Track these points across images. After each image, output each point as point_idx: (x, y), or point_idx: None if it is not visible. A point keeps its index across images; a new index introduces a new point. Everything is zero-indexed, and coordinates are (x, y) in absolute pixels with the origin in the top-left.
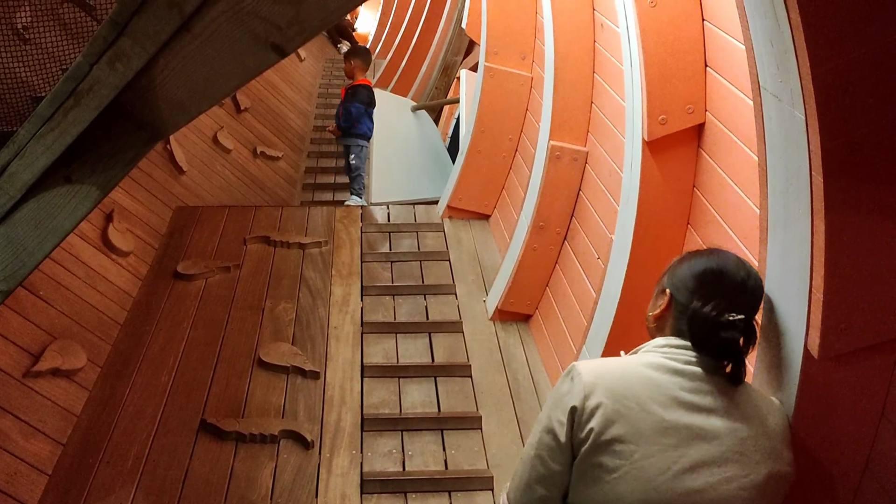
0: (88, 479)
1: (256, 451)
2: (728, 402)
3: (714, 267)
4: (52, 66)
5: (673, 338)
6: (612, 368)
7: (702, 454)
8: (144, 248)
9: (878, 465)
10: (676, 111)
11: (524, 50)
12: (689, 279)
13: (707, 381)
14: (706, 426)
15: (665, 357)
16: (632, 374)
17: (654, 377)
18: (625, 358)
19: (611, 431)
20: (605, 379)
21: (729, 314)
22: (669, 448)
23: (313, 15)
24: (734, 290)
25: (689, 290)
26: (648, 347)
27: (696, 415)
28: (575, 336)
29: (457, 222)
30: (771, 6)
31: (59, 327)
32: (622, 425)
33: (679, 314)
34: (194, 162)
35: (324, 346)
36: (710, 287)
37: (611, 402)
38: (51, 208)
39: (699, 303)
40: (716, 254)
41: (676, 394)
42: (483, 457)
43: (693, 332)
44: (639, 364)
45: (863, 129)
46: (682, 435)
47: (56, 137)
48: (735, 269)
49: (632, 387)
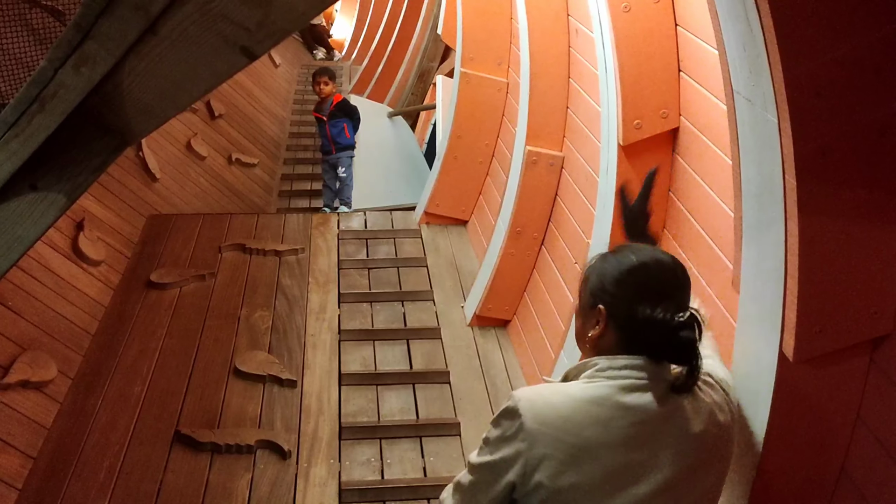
0: (60, 492)
1: (232, 462)
2: (674, 422)
3: (642, 267)
4: (21, 72)
5: (618, 357)
6: (557, 411)
7: (651, 488)
8: (116, 257)
9: (854, 467)
10: (651, 116)
11: (500, 56)
12: (621, 288)
13: (653, 409)
14: (653, 461)
15: (611, 384)
16: (579, 416)
17: (600, 416)
18: (568, 393)
19: (559, 483)
20: (549, 427)
21: (678, 314)
22: (619, 489)
23: (282, 17)
24: (672, 286)
25: (626, 299)
26: (590, 371)
27: (643, 449)
28: (553, 341)
29: (434, 228)
30: (743, 11)
31: (28, 338)
32: (572, 475)
33: (622, 330)
34: (168, 169)
35: (301, 355)
36: (647, 290)
37: (558, 451)
38: (16, 217)
39: (647, 309)
40: (631, 252)
41: (625, 432)
42: (462, 464)
43: (649, 342)
44: (584, 400)
45: (835, 132)
46: (630, 474)
47: (21, 144)
48: (661, 262)
49: (578, 432)
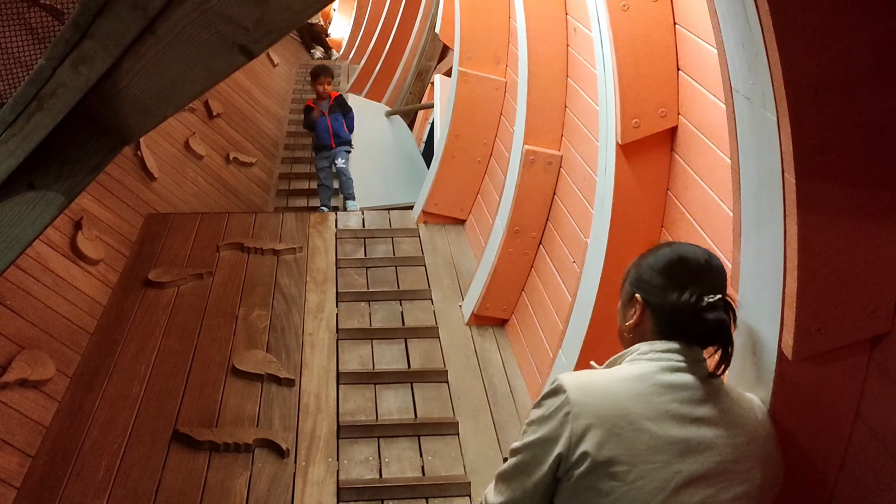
0: (58, 491)
1: (231, 460)
2: (718, 408)
3: (675, 257)
4: (20, 71)
5: (657, 342)
6: (600, 385)
7: (696, 467)
8: (115, 256)
9: (854, 464)
10: (649, 114)
11: (498, 54)
12: (655, 277)
13: (696, 388)
14: (699, 437)
15: (652, 365)
16: (620, 390)
17: (642, 391)
18: (611, 371)
19: (603, 453)
20: (593, 398)
21: (706, 296)
22: (664, 465)
23: (280, 16)
24: (701, 272)
25: (660, 286)
26: (633, 356)
27: (689, 427)
28: (551, 340)
29: (432, 227)
30: (742, 9)
31: (26, 337)
32: (615, 446)
33: (657, 315)
34: (166, 168)
35: (299, 354)
36: (678, 277)
37: (601, 422)
38: (13, 216)
39: (675, 294)
40: (668, 246)
41: (667, 407)
42: (460, 463)
43: (678, 325)
44: (626, 378)
45: (834, 130)
46: (675, 450)
47: (19, 143)
48: (693, 252)
49: (621, 404)
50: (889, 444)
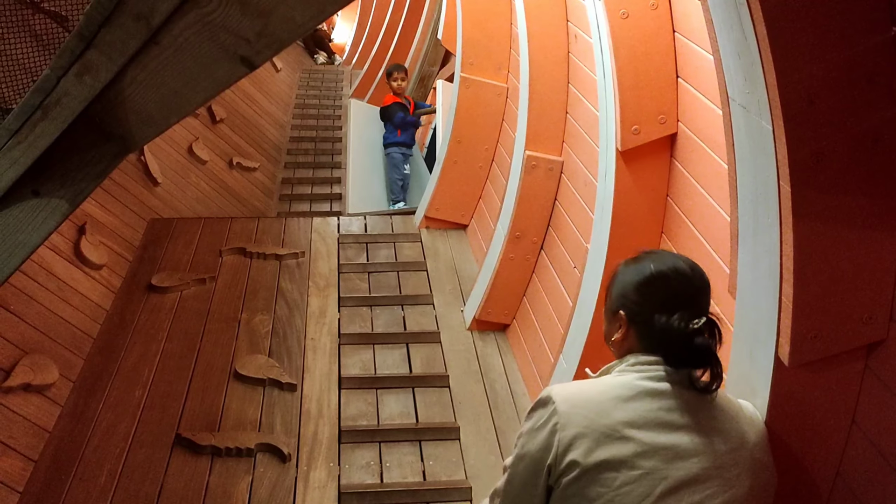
0: (61, 495)
1: (232, 465)
2: (704, 416)
3: (654, 272)
4: (24, 77)
5: (642, 354)
6: (587, 395)
7: (682, 474)
8: (118, 261)
9: (850, 471)
10: (649, 121)
11: (500, 61)
12: (635, 293)
13: (682, 396)
14: (684, 444)
15: (638, 375)
16: (607, 398)
17: (629, 399)
18: (598, 381)
19: (591, 461)
20: (580, 408)
21: (693, 321)
22: (650, 471)
23: (281, 28)
24: (686, 291)
25: (642, 304)
26: (621, 367)
27: (674, 433)
28: (552, 345)
29: (434, 232)
30: (738, 19)
31: (30, 342)
32: (602, 454)
33: (640, 331)
34: (169, 173)
35: (301, 358)
36: (662, 295)
37: (589, 431)
38: (18, 223)
39: (662, 317)
40: (647, 257)
41: (654, 415)
42: (461, 468)
43: (666, 349)
44: (613, 386)
45: (828, 139)
46: (661, 456)
47: (24, 151)
48: (675, 266)
49: (608, 413)
50: (885, 450)
